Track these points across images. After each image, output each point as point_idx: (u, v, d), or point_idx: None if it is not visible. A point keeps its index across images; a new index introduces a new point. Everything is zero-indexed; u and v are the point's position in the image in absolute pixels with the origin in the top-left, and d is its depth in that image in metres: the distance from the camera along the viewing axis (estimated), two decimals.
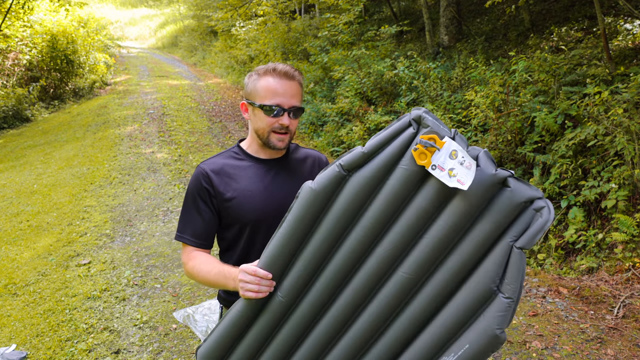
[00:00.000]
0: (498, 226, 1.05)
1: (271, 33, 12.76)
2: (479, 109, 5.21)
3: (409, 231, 1.11)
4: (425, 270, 1.12)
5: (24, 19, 11.63)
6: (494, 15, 8.36)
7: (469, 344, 1.11)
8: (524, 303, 3.41)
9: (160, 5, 32.98)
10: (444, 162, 1.01)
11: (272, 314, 1.26)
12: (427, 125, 1.05)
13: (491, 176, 1.02)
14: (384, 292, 1.16)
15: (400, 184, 1.09)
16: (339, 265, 1.19)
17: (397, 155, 1.09)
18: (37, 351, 2.97)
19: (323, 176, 1.16)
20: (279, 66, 1.42)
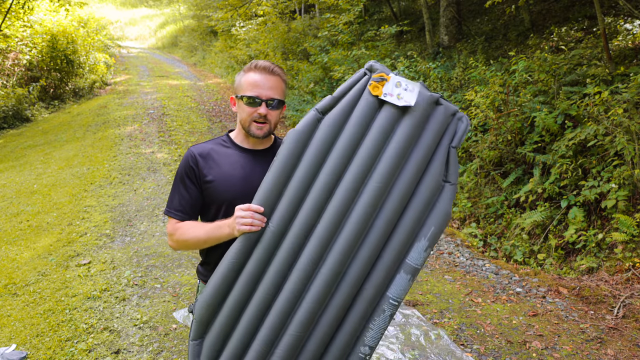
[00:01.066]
0: (437, 134, 1.39)
1: (271, 33, 12.75)
2: (479, 109, 5.21)
3: (375, 147, 1.38)
4: (391, 177, 1.38)
5: (24, 19, 11.62)
6: (494, 15, 8.36)
7: (434, 226, 1.40)
8: (524, 303, 3.41)
9: (160, 5, 32.97)
10: (391, 90, 1.35)
11: (265, 245, 1.42)
12: (376, 69, 1.39)
13: (429, 97, 1.37)
14: (362, 201, 1.38)
15: (363, 112, 1.39)
16: (321, 188, 1.40)
17: (358, 94, 1.41)
18: (37, 351, 2.97)
19: (303, 120, 1.44)
20: (260, 62, 1.61)
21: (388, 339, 2.94)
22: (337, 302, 1.39)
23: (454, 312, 3.29)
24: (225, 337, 1.45)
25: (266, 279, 1.41)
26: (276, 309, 1.40)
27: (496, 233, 4.62)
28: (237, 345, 1.43)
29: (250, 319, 1.41)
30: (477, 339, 2.96)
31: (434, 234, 1.40)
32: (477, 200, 5.07)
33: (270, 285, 1.40)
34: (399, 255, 1.40)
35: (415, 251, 1.40)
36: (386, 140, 1.38)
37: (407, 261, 1.40)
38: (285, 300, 1.39)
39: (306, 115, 1.45)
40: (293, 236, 1.40)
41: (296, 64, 11.07)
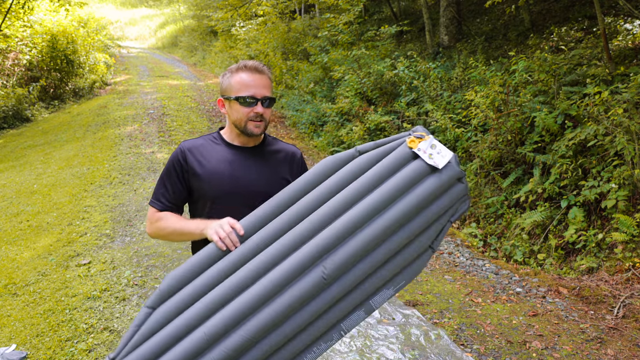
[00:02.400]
0: (447, 206, 1.48)
1: (271, 33, 12.75)
2: (479, 109, 5.21)
3: (392, 193, 1.43)
4: (397, 225, 1.42)
5: (24, 19, 11.62)
6: (494, 15, 8.36)
7: (404, 281, 1.49)
8: (524, 303, 3.41)
9: (160, 5, 32.96)
10: (426, 148, 1.45)
11: (236, 259, 1.42)
12: (419, 131, 1.50)
13: (458, 172, 1.46)
14: (355, 241, 1.40)
15: (395, 158, 1.47)
16: (319, 218, 1.42)
17: (396, 145, 1.50)
18: (37, 351, 2.97)
19: (342, 153, 1.53)
20: (248, 62, 1.63)
21: (388, 339, 2.94)
22: (294, 322, 1.39)
23: (454, 312, 3.29)
24: (175, 315, 1.41)
25: (233, 279, 1.40)
26: (233, 308, 1.38)
27: (496, 233, 4.62)
28: (181, 326, 1.38)
29: (205, 308, 1.39)
30: (477, 339, 2.97)
31: (401, 287, 1.49)
32: (477, 200, 5.07)
33: (234, 286, 1.39)
34: (367, 296, 1.45)
35: (381, 296, 1.47)
36: (405, 192, 1.44)
37: (370, 302, 1.46)
38: (244, 304, 1.38)
39: (347, 151, 1.53)
40: (266, 256, 1.41)
41: (296, 64, 11.07)
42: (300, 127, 9.01)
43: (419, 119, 6.38)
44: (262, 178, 1.67)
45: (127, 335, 1.40)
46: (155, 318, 1.40)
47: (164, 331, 1.38)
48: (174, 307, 1.40)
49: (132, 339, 1.39)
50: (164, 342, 1.36)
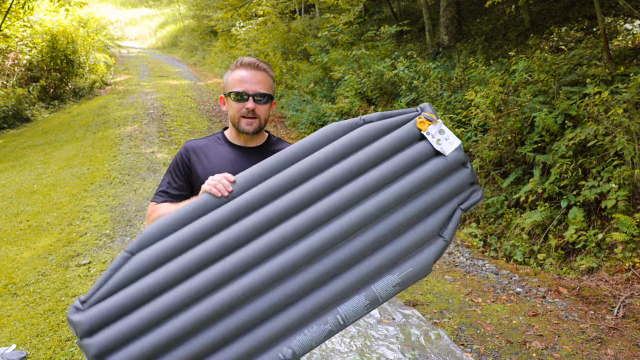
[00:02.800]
0: (453, 190, 1.45)
1: (271, 33, 12.75)
2: (479, 109, 5.21)
3: (396, 169, 1.41)
4: (399, 201, 1.40)
5: (24, 19, 11.62)
6: (494, 15, 8.36)
7: (412, 268, 1.39)
8: (524, 303, 3.41)
9: (160, 5, 32.96)
10: (434, 133, 1.45)
11: (209, 220, 1.33)
12: (428, 111, 1.48)
13: (463, 156, 1.47)
14: (358, 211, 1.37)
15: (401, 135, 1.45)
16: (317, 186, 1.37)
17: (403, 121, 1.48)
18: (37, 351, 2.97)
19: (347, 120, 1.48)
20: (245, 59, 1.63)
21: (388, 339, 2.94)
22: (285, 290, 1.29)
23: (454, 312, 3.29)
24: (155, 265, 1.29)
25: (224, 235, 1.32)
26: (222, 267, 1.28)
27: (496, 233, 4.62)
28: (163, 280, 1.27)
29: (191, 263, 1.28)
30: (477, 339, 2.97)
31: (408, 275, 1.38)
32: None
33: (225, 243, 1.30)
34: (368, 277, 1.36)
35: (384, 282, 1.37)
36: (409, 170, 1.43)
37: (372, 287, 1.36)
38: (233, 264, 1.29)
39: (352, 119, 1.49)
40: (261, 216, 1.33)
41: (296, 64, 11.07)
42: (300, 127, 9.01)
43: None
44: None
45: (102, 279, 1.27)
46: (134, 265, 1.28)
47: (143, 282, 1.26)
48: (155, 256, 1.29)
49: (106, 283, 1.27)
50: (142, 294, 1.25)
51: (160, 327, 1.23)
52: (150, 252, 1.30)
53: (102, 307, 1.24)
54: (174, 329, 1.23)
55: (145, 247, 1.31)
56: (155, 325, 1.24)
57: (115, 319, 1.23)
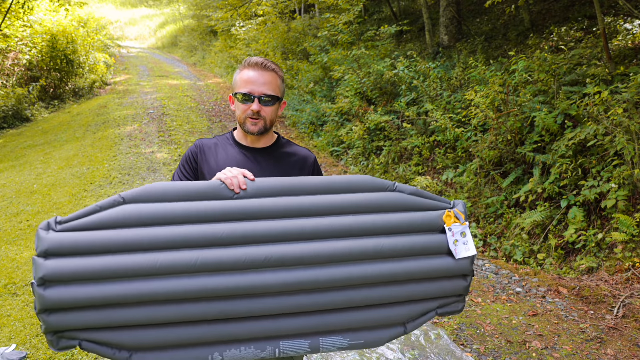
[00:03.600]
0: (443, 293, 1.44)
1: (271, 33, 12.75)
2: (479, 109, 5.21)
3: (405, 249, 1.39)
4: (392, 280, 1.38)
5: (24, 19, 11.62)
6: (494, 15, 8.36)
7: (364, 341, 1.39)
8: (524, 303, 3.41)
9: (160, 5, 32.95)
10: (456, 232, 1.43)
11: (208, 207, 1.30)
12: (460, 209, 1.46)
13: (470, 269, 1.43)
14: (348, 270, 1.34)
15: (425, 219, 1.42)
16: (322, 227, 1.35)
17: (432, 207, 1.46)
18: (37, 351, 2.97)
19: (381, 180, 1.46)
20: (253, 59, 1.60)
21: None
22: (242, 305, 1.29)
23: None
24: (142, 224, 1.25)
25: (215, 227, 1.29)
26: (198, 255, 1.25)
27: (496, 233, 4.62)
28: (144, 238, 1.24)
29: (177, 237, 1.25)
30: (477, 339, 2.96)
31: (356, 345, 1.39)
32: (477, 200, 5.07)
33: (213, 236, 1.27)
34: (322, 329, 1.36)
35: (333, 341, 1.37)
36: (415, 256, 1.40)
37: (320, 339, 1.36)
38: (211, 258, 1.26)
39: (386, 181, 1.47)
40: (261, 228, 1.31)
41: (296, 64, 11.07)
42: (300, 127, 9.01)
43: (419, 118, 6.38)
44: None
45: (86, 211, 1.23)
46: (122, 213, 1.23)
47: (123, 232, 1.22)
48: (147, 215, 1.25)
49: (88, 216, 1.22)
50: (116, 243, 1.21)
51: (119, 283, 1.20)
52: (144, 208, 1.26)
53: (73, 236, 1.19)
54: (129, 291, 1.20)
55: (141, 201, 1.27)
56: (115, 279, 1.20)
57: (80, 253, 1.19)
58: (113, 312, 1.21)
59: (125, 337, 1.24)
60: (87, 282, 1.19)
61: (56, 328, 1.20)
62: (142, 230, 1.24)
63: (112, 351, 1.24)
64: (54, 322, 1.19)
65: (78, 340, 1.23)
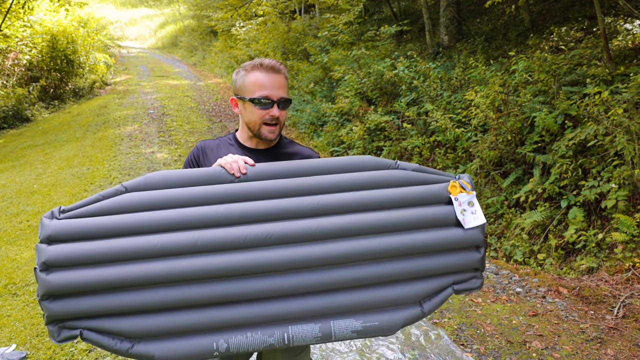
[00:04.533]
0: (457, 266, 1.39)
1: (271, 33, 12.75)
2: (479, 109, 5.21)
3: (412, 221, 1.36)
4: (402, 253, 1.35)
5: (24, 19, 11.62)
6: (494, 15, 8.36)
7: (377, 322, 1.33)
8: (524, 303, 3.41)
9: (160, 5, 32.96)
10: (463, 202, 1.39)
11: (209, 190, 1.31)
12: (466, 180, 1.43)
13: (481, 238, 1.39)
14: (354, 244, 1.32)
15: (428, 192, 1.40)
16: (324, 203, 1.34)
17: (436, 179, 1.44)
18: (37, 351, 2.97)
19: (382, 159, 1.45)
20: (265, 61, 1.52)
21: (388, 339, 2.94)
22: (248, 285, 1.26)
23: (454, 312, 3.29)
24: (143, 208, 1.27)
25: (217, 208, 1.29)
26: (200, 236, 1.25)
27: (496, 233, 4.62)
28: (145, 220, 1.25)
29: (176, 218, 1.26)
30: (477, 339, 2.97)
31: (370, 328, 1.32)
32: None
33: (215, 215, 1.27)
34: (332, 311, 1.30)
35: (345, 323, 1.31)
36: (423, 228, 1.37)
37: (331, 322, 1.30)
38: (213, 237, 1.25)
39: (388, 159, 1.46)
40: (262, 206, 1.30)
41: (296, 64, 11.07)
42: (300, 127, 9.01)
43: (419, 118, 6.38)
44: None
45: (89, 200, 1.25)
46: (125, 200, 1.25)
47: (127, 216, 1.24)
48: (149, 200, 1.27)
49: (91, 204, 1.25)
50: (119, 226, 1.22)
51: (120, 265, 1.20)
52: (145, 194, 1.27)
53: (75, 222, 1.21)
54: (131, 273, 1.20)
55: (144, 189, 1.29)
56: (116, 262, 1.20)
57: (82, 238, 1.21)
58: (115, 296, 1.20)
59: (127, 324, 1.22)
60: (89, 266, 1.19)
61: (58, 315, 1.19)
62: (143, 214, 1.25)
63: (114, 341, 1.22)
64: (56, 309, 1.18)
65: (79, 330, 1.21)
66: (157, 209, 1.26)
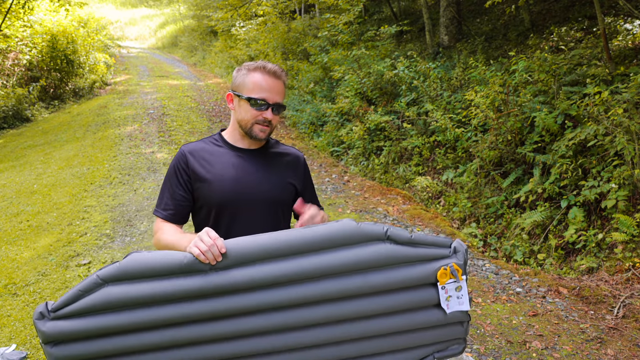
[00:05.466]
0: (439, 338, 1.43)
1: (271, 33, 12.75)
2: (479, 109, 5.21)
3: (395, 307, 1.37)
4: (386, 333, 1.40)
5: (24, 19, 11.62)
6: (494, 15, 8.36)
7: None
8: (524, 303, 3.41)
9: (160, 5, 32.97)
10: (449, 289, 1.37)
11: (186, 286, 1.30)
12: (460, 258, 1.37)
13: (464, 317, 1.41)
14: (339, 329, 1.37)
15: (419, 275, 1.36)
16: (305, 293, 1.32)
17: (426, 258, 1.37)
18: (37, 351, 2.97)
19: (370, 225, 1.34)
20: (268, 65, 1.55)
21: None
22: None
23: None
24: (123, 307, 1.31)
25: (194, 305, 1.32)
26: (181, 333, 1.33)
27: (496, 233, 4.62)
28: (125, 322, 1.31)
29: (155, 317, 1.31)
30: (477, 339, 2.96)
31: None
32: (477, 200, 5.07)
33: (192, 313, 1.32)
34: None
35: None
36: (406, 311, 1.39)
37: None
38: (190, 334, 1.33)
39: (376, 224, 1.36)
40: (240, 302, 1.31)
41: (296, 64, 11.07)
42: (300, 127, 9.01)
43: (419, 118, 6.38)
44: (268, 183, 1.60)
45: (71, 296, 1.30)
46: (105, 296, 1.29)
47: (109, 317, 1.30)
48: (127, 298, 1.29)
49: (75, 302, 1.30)
50: (105, 327, 1.30)
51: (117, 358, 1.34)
52: (123, 290, 1.30)
53: (67, 324, 1.30)
54: None
55: (120, 281, 1.31)
56: (112, 356, 1.34)
57: (78, 339, 1.32)
58: None
59: None
60: None
61: None
62: (125, 314, 1.31)
63: None
64: None
65: None
66: (137, 306, 1.31)
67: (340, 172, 6.77)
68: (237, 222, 1.56)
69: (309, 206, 1.52)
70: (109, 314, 1.30)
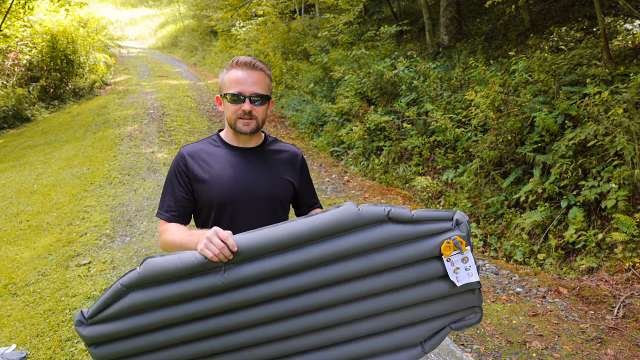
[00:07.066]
0: (454, 308, 1.45)
1: (271, 33, 12.75)
2: (479, 109, 5.21)
3: (404, 281, 1.39)
4: (399, 308, 1.43)
5: (24, 19, 11.62)
6: (494, 15, 8.36)
7: None
8: (524, 303, 3.41)
9: (160, 5, 32.97)
10: (456, 261, 1.38)
11: (203, 285, 1.35)
12: (463, 230, 1.38)
13: (475, 284, 1.43)
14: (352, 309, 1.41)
15: (420, 249, 1.38)
16: (316, 279, 1.36)
17: (429, 233, 1.39)
18: (37, 351, 2.97)
19: (371, 209, 1.36)
20: (241, 58, 1.57)
21: None
22: None
23: None
24: (150, 309, 1.39)
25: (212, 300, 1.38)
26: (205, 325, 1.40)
27: (496, 233, 4.62)
28: (155, 320, 1.39)
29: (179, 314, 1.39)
30: (477, 339, 2.96)
31: None
32: (477, 200, 5.07)
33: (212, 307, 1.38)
34: (343, 357, 1.45)
35: None
36: (415, 285, 1.41)
37: None
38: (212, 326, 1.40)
39: (376, 206, 1.37)
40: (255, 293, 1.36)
41: (296, 64, 11.07)
42: (300, 127, 9.01)
43: (419, 118, 6.38)
44: (266, 180, 1.62)
45: (102, 304, 1.38)
46: (131, 302, 1.37)
47: (139, 319, 1.39)
48: (151, 301, 1.37)
49: (107, 309, 1.38)
50: (138, 327, 1.39)
51: (155, 353, 1.44)
52: (146, 295, 1.38)
53: (103, 328, 1.40)
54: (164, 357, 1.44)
55: (141, 287, 1.38)
56: (149, 352, 1.44)
57: (113, 340, 1.43)
58: None
59: None
60: (132, 356, 1.44)
61: None
62: (151, 314, 1.40)
63: None
64: None
65: None
66: (159, 307, 1.39)
67: (340, 172, 6.77)
68: (238, 220, 1.58)
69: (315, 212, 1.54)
70: (137, 315, 1.39)
